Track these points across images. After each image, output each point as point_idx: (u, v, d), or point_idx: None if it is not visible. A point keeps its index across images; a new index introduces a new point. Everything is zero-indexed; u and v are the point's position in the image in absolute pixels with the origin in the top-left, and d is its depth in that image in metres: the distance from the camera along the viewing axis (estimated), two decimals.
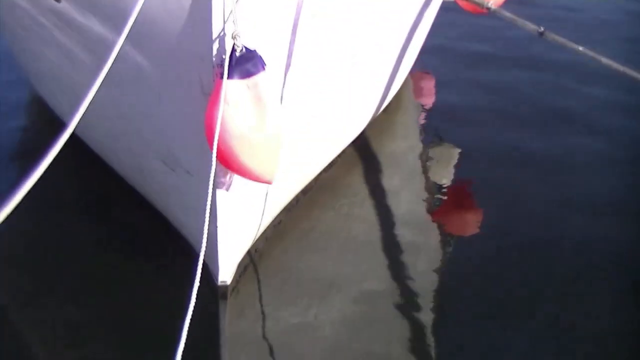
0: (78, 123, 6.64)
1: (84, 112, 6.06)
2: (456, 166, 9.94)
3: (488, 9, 6.52)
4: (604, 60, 6.37)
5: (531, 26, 6.49)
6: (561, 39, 6.47)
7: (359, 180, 9.31)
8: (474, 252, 7.97)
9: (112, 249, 7.90)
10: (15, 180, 8.78)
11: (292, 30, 6.83)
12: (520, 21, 6.55)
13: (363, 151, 9.68)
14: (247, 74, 5.96)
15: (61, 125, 9.02)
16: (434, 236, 8.53)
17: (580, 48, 6.43)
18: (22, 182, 5.60)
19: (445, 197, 9.41)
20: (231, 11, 5.98)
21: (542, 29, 6.49)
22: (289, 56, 6.93)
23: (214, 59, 6.15)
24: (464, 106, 11.14)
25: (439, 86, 12.21)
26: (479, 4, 6.51)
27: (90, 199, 8.67)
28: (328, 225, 8.36)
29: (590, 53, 6.36)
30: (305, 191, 8.35)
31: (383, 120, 10.28)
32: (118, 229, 8.19)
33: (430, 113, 11.59)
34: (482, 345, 6.66)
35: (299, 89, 7.16)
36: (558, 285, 7.39)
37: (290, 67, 7.00)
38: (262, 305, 7.25)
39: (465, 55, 12.71)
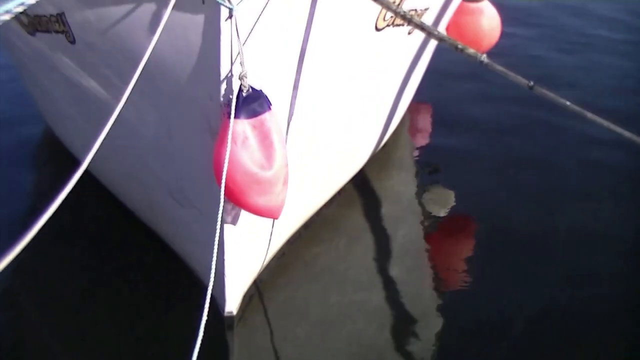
0: (81, 151, 6.65)
1: (94, 145, 6.12)
2: (452, 202, 9.96)
3: (481, 62, 6.54)
4: (589, 115, 6.38)
5: (522, 80, 6.49)
6: (550, 94, 6.47)
7: (358, 216, 9.33)
8: (470, 287, 8.01)
9: (120, 280, 7.94)
10: (28, 213, 8.91)
11: (297, 71, 6.92)
12: (512, 75, 6.55)
13: (362, 187, 9.72)
14: (253, 114, 6.06)
15: (74, 160, 9.12)
16: (431, 269, 8.61)
17: (568, 103, 6.42)
18: (36, 218, 5.63)
19: (442, 232, 9.44)
20: (238, 53, 6.06)
21: (531, 83, 6.50)
22: (294, 96, 7.01)
23: (221, 98, 6.24)
24: (459, 142, 11.14)
25: (435, 121, 12.23)
26: (472, 57, 6.52)
27: (97, 231, 8.68)
28: (329, 259, 8.37)
29: (577, 108, 6.36)
30: (307, 225, 8.38)
31: (381, 155, 10.32)
32: (126, 260, 8.21)
33: (426, 148, 11.61)
34: None
35: (303, 128, 7.25)
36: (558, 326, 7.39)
37: (295, 106, 7.08)
38: (267, 335, 7.28)
39: (462, 92, 12.70)
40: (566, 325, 7.32)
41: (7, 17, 6.17)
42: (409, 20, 6.86)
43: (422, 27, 6.95)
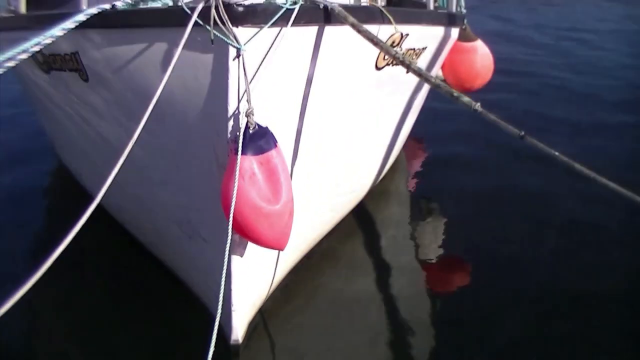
0: (97, 187, 6.66)
1: (105, 179, 6.15)
2: (444, 232, 10.04)
3: (475, 110, 6.58)
4: (577, 166, 6.36)
5: (513, 130, 6.49)
6: (539, 144, 6.45)
7: (358, 246, 9.38)
8: (465, 312, 8.02)
9: (128, 307, 7.95)
10: (43, 242, 8.91)
11: (301, 108, 7.02)
12: (503, 124, 6.56)
13: (362, 218, 9.79)
14: (260, 151, 6.14)
15: (84, 191, 9.13)
16: (429, 298, 8.59)
17: (557, 154, 6.40)
18: (51, 251, 5.65)
19: (436, 261, 9.45)
20: (245, 90, 6.12)
21: (522, 133, 6.52)
22: (298, 132, 7.08)
23: (229, 135, 6.30)
24: (452, 176, 11.24)
25: (429, 156, 12.26)
26: (467, 106, 6.56)
27: (104, 260, 8.67)
28: (331, 288, 8.38)
29: (565, 159, 6.33)
30: (309, 255, 8.40)
31: (380, 188, 10.41)
32: (134, 289, 8.20)
33: (421, 181, 11.67)
34: None
35: (307, 163, 7.31)
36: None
37: (300, 143, 7.13)
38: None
39: (456, 128, 12.73)
40: (553, 351, 7.31)
41: (24, 55, 6.25)
42: (408, 66, 6.92)
43: (419, 73, 7.02)
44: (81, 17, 6.54)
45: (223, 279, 6.25)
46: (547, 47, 21.15)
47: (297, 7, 6.24)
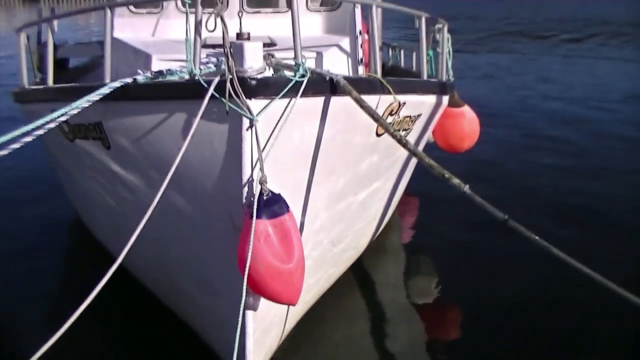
0: (116, 246, 6.65)
1: (124, 238, 6.15)
2: (437, 285, 10.00)
3: (464, 192, 6.62)
4: (555, 251, 6.36)
5: (498, 213, 6.52)
6: (521, 228, 6.45)
7: (357, 298, 9.39)
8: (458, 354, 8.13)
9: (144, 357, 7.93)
10: (63, 292, 8.88)
11: (310, 174, 7.07)
12: (489, 207, 6.60)
13: (360, 272, 9.79)
14: (274, 215, 6.20)
15: (99, 245, 9.12)
16: (424, 343, 8.53)
17: (537, 238, 6.38)
18: (76, 307, 5.66)
19: (429, 310, 9.43)
20: (258, 159, 6.13)
21: (506, 216, 6.53)
22: (307, 197, 7.12)
23: (244, 200, 6.33)
24: (443, 234, 11.22)
25: (421, 213, 12.27)
26: (457, 187, 6.63)
27: (121, 310, 8.60)
28: (334, 338, 8.36)
29: (544, 243, 6.32)
30: (314, 307, 8.38)
31: (377, 244, 10.41)
32: (149, 340, 8.17)
33: (414, 237, 11.71)
34: None
35: (315, 225, 7.36)
36: None
37: (308, 206, 7.17)
38: None
39: (447, 187, 12.72)
40: None
41: (52, 125, 6.31)
42: (404, 145, 7.10)
43: (414, 152, 7.22)
44: (105, 90, 6.64)
45: (238, 332, 6.33)
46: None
47: (305, 79, 6.33)
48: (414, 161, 9.81)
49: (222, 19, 6.20)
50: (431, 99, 9.39)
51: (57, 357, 6.20)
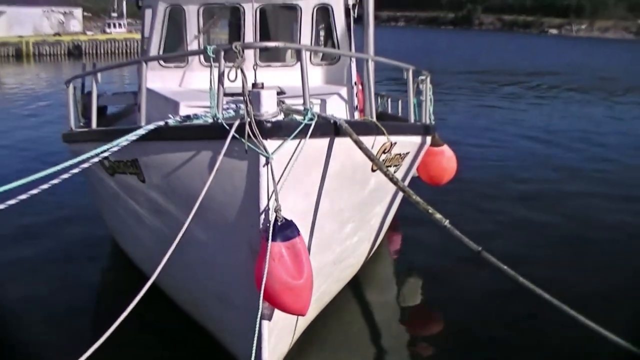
0: (149, 267, 6.67)
1: (155, 260, 6.19)
2: (421, 299, 10.08)
3: (445, 226, 6.69)
4: (521, 279, 6.33)
5: (473, 245, 6.54)
6: (493, 260, 6.49)
7: (355, 307, 9.42)
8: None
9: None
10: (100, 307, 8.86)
11: (316, 204, 7.11)
12: (465, 240, 6.63)
13: (356, 287, 9.76)
14: (287, 239, 6.27)
15: (133, 265, 9.13)
16: (408, 342, 8.66)
17: (505, 267, 6.41)
18: (113, 321, 5.68)
19: (415, 319, 9.57)
20: (274, 191, 6.19)
21: (480, 248, 6.55)
22: (313, 223, 7.16)
23: (260, 226, 6.36)
24: (425, 257, 11.18)
25: (406, 237, 12.25)
26: (439, 222, 6.69)
27: (149, 321, 8.45)
28: (335, 343, 8.42)
29: (511, 272, 6.30)
30: (319, 316, 8.36)
31: (370, 263, 10.38)
32: (175, 346, 8.19)
33: (401, 257, 11.72)
34: None
35: (321, 246, 7.37)
36: None
37: (315, 231, 7.19)
38: None
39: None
40: None
41: (95, 159, 6.38)
42: (395, 183, 7.21)
43: (403, 189, 7.30)
44: (141, 132, 6.75)
45: (255, 340, 6.37)
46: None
47: (313, 122, 6.43)
48: (401, 194, 9.88)
49: (242, 71, 6.32)
50: (417, 139, 9.46)
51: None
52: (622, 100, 35.72)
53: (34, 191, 5.73)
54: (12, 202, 5.51)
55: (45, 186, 5.79)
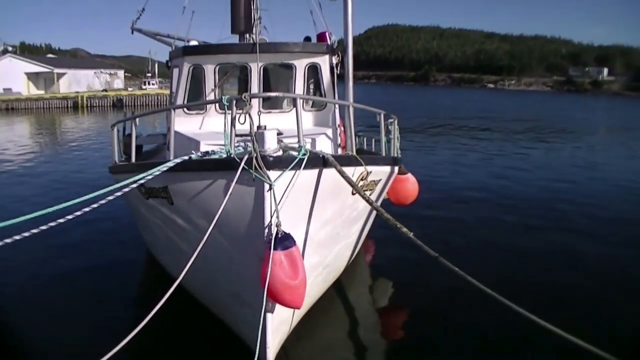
0: (176, 271, 6.58)
1: (181, 266, 6.13)
2: (396, 295, 9.89)
3: (410, 237, 6.63)
4: (470, 279, 6.15)
5: (430, 252, 6.45)
6: (448, 264, 6.32)
7: (339, 302, 9.29)
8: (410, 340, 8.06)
9: (193, 348, 7.77)
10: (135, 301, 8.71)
11: (309, 221, 7.06)
12: (425, 248, 6.55)
13: (340, 285, 9.65)
14: (285, 248, 6.26)
15: (164, 270, 9.00)
16: (386, 336, 8.48)
17: (457, 269, 6.22)
18: (146, 314, 5.59)
19: (391, 313, 9.38)
20: (275, 210, 6.21)
21: (437, 255, 6.47)
22: (306, 235, 7.11)
23: (265, 238, 6.31)
24: (396, 260, 11.06)
25: (378, 245, 12.17)
26: (405, 234, 6.63)
27: (177, 315, 8.23)
28: (324, 331, 8.31)
29: (468, 278, 6.11)
30: (311, 309, 8.26)
31: (351, 267, 10.31)
32: (198, 337, 8.02)
33: (375, 260, 11.58)
34: None
35: (312, 253, 7.31)
36: None
37: (307, 242, 7.15)
38: None
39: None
40: None
41: (134, 185, 6.34)
42: (370, 203, 7.16)
43: (376, 208, 7.24)
44: (170, 164, 6.75)
45: (260, 328, 6.31)
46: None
47: (306, 157, 6.43)
48: (374, 213, 9.85)
49: (250, 116, 6.35)
50: (387, 169, 9.43)
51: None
52: (545, 137, 35.92)
53: (87, 209, 5.75)
54: (69, 217, 5.59)
55: (95, 205, 5.79)
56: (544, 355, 7.50)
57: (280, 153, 6.48)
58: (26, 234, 5.36)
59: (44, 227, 5.48)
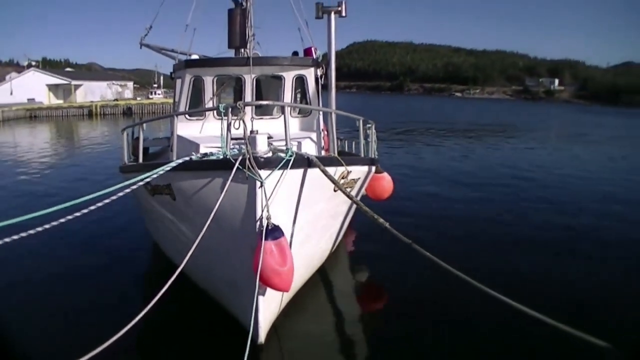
0: (178, 259, 6.53)
1: (183, 255, 6.08)
2: (372, 278, 9.90)
3: (385, 227, 6.58)
4: (440, 262, 5.84)
5: (405, 239, 6.21)
6: (421, 250, 6.08)
7: (322, 287, 9.22)
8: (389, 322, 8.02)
9: (196, 326, 7.72)
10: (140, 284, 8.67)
11: (295, 214, 7.03)
12: (400, 236, 6.29)
13: (324, 272, 9.61)
14: (274, 238, 6.22)
15: (167, 259, 8.95)
16: (362, 317, 8.45)
17: (429, 254, 5.99)
18: (151, 299, 5.54)
19: (369, 293, 9.41)
20: (266, 204, 6.18)
21: (410, 242, 6.20)
22: (293, 226, 7.06)
23: (257, 230, 6.28)
24: (375, 248, 10.93)
25: (358, 236, 12.16)
26: (381, 224, 6.57)
27: (179, 300, 8.16)
28: (310, 309, 8.27)
29: (438, 262, 5.91)
30: (298, 293, 8.23)
31: (333, 255, 10.27)
32: (199, 318, 7.96)
33: (355, 250, 11.56)
34: None
35: (298, 243, 7.26)
36: None
37: (294, 233, 7.12)
38: (282, 351, 7.14)
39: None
40: None
41: (141, 183, 6.28)
42: (351, 198, 7.14)
43: (356, 203, 7.20)
44: (173, 164, 6.71)
45: (253, 309, 6.32)
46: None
47: (292, 158, 6.41)
48: (355, 206, 9.83)
49: (244, 122, 6.31)
50: (365, 168, 9.42)
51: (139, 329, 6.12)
52: (506, 139, 36.11)
53: (99, 204, 5.68)
54: (85, 210, 5.51)
55: (107, 200, 5.73)
56: (512, 333, 7.40)
57: (270, 155, 6.46)
58: (47, 226, 5.28)
59: (62, 220, 5.40)
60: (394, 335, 7.57)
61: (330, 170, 6.98)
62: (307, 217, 7.30)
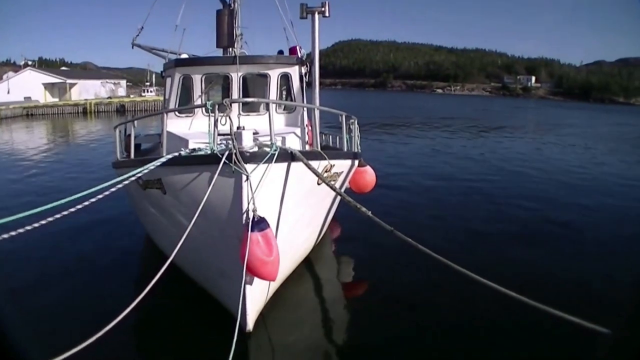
0: (169, 250, 6.52)
1: (174, 245, 6.08)
2: (358, 272, 9.87)
3: (368, 216, 6.54)
4: (421, 247, 5.84)
5: (386, 226, 6.16)
6: (402, 236, 6.09)
7: (309, 279, 9.22)
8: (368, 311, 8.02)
9: (188, 315, 7.72)
10: (133, 274, 8.65)
11: (280, 206, 7.03)
12: (382, 223, 6.23)
13: (309, 264, 9.61)
14: (261, 230, 6.23)
15: (158, 249, 8.93)
16: (347, 306, 8.49)
17: (419, 246, 5.96)
18: (144, 287, 5.53)
19: (347, 280, 9.45)
20: (252, 198, 6.20)
21: (392, 228, 6.19)
22: (279, 219, 7.07)
23: (243, 221, 6.27)
24: (359, 240, 11.00)
25: (343, 229, 12.18)
26: (364, 213, 6.51)
27: (171, 289, 8.10)
28: (296, 300, 8.28)
29: (419, 246, 5.91)
30: (284, 283, 8.25)
31: (318, 247, 10.26)
32: (186, 304, 7.97)
33: (339, 241, 11.55)
34: None
35: (283, 234, 7.25)
36: None
37: (280, 224, 7.13)
38: (270, 340, 7.14)
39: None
40: None
41: (133, 178, 6.25)
42: (335, 190, 7.14)
43: (340, 194, 7.17)
44: (163, 159, 6.68)
45: (241, 298, 6.28)
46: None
47: (277, 152, 6.41)
48: (339, 198, 9.84)
49: (230, 119, 6.30)
50: (348, 162, 9.42)
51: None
52: (486, 133, 36.37)
53: (93, 199, 5.64)
54: (79, 206, 5.49)
55: (100, 196, 5.69)
56: (490, 312, 7.46)
57: (255, 149, 6.47)
58: (43, 222, 5.23)
59: (57, 216, 5.35)
60: (377, 320, 7.60)
61: (314, 163, 7.00)
62: (292, 209, 7.30)
